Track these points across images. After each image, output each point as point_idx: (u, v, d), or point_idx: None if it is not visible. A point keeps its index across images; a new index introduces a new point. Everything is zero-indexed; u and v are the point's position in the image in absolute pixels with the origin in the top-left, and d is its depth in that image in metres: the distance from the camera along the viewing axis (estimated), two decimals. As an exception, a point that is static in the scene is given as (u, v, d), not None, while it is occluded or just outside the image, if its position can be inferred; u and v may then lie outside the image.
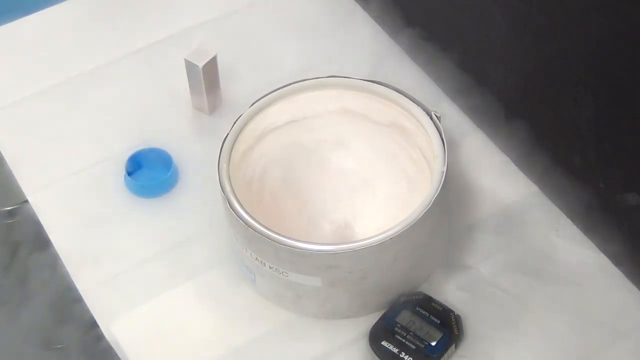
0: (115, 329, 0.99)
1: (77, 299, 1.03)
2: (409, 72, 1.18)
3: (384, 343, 0.95)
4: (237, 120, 1.02)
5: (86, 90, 1.19)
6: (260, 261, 0.96)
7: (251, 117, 1.02)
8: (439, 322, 0.96)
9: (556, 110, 1.00)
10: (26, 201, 1.10)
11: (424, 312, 0.96)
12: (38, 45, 1.23)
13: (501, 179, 1.09)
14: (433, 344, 0.94)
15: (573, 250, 1.03)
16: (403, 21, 1.18)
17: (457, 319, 0.96)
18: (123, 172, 1.09)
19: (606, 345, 0.97)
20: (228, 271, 1.03)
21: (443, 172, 0.96)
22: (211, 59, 1.10)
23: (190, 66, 1.11)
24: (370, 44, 1.21)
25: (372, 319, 0.98)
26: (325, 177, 1.08)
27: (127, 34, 1.23)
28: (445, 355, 0.94)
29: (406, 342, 0.94)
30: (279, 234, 0.93)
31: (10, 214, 1.33)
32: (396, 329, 0.95)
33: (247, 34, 1.23)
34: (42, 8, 1.26)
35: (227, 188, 0.97)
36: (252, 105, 1.03)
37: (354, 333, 0.98)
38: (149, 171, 1.10)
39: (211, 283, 1.02)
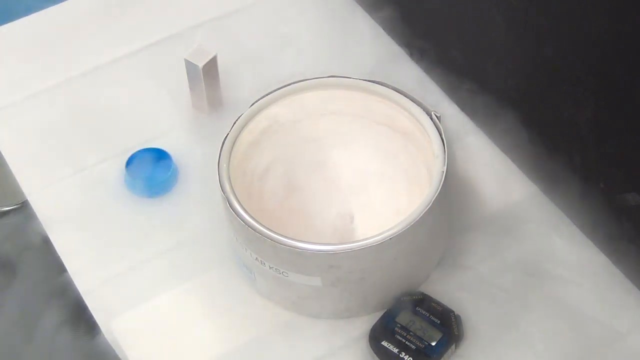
0: (115, 328, 0.99)
1: (77, 299, 1.03)
2: (409, 72, 1.18)
3: (384, 343, 0.95)
4: (237, 120, 1.02)
5: (86, 90, 1.18)
6: (260, 261, 0.96)
7: (251, 117, 1.02)
8: (439, 322, 0.96)
9: (556, 110, 1.00)
10: (26, 201, 1.10)
11: (424, 312, 0.96)
12: (38, 45, 1.23)
13: (501, 179, 1.09)
14: (433, 344, 0.94)
15: (573, 250, 1.03)
16: (403, 21, 1.18)
17: (457, 319, 0.96)
18: (123, 172, 1.09)
19: (606, 345, 0.97)
20: (228, 271, 1.03)
21: (443, 172, 0.96)
22: (211, 59, 1.10)
23: (190, 66, 1.11)
24: (370, 44, 1.21)
25: (372, 319, 0.98)
26: (325, 177, 1.08)
27: (127, 33, 1.23)
28: (445, 355, 0.94)
29: (406, 342, 0.94)
30: (279, 234, 0.93)
31: (10, 213, 1.33)
32: (396, 329, 0.95)
33: (247, 34, 1.23)
34: (43, 8, 1.26)
35: (227, 188, 0.97)
36: (252, 105, 1.03)
37: (354, 333, 0.98)
38: (149, 171, 1.10)
39: (211, 283, 1.02)
